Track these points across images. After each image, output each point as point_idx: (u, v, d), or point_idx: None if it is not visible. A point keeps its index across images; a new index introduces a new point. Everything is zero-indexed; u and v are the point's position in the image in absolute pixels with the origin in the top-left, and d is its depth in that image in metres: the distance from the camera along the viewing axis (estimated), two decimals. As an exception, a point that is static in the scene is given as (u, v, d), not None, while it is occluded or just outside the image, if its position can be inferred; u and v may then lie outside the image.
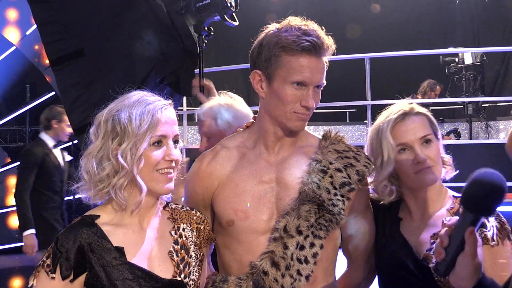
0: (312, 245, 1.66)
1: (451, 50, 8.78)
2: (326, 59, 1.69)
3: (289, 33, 1.65)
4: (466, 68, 8.81)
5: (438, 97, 7.99)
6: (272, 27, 1.73)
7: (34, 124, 8.10)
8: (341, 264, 1.87)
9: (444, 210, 1.78)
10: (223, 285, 1.70)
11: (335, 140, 1.79)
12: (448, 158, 1.86)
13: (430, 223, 1.78)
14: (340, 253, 1.84)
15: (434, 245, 1.70)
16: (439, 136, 1.86)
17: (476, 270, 1.30)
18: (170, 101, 1.62)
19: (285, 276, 1.63)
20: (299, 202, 1.68)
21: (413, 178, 1.78)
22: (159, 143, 1.55)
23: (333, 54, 1.71)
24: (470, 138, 8.48)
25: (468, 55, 8.69)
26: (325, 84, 1.71)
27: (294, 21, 1.70)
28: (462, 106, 8.51)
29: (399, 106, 1.86)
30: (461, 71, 8.86)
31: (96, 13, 2.91)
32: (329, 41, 1.67)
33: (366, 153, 1.85)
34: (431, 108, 8.16)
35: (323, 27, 1.71)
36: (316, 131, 1.89)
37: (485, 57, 8.71)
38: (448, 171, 1.85)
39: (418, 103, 1.93)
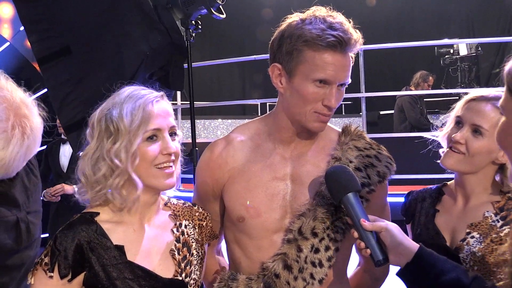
0: (327, 248, 1.59)
1: (446, 41, 8.77)
2: (352, 54, 1.58)
3: (314, 26, 1.54)
4: (461, 59, 8.82)
5: (432, 88, 7.98)
6: (295, 17, 1.61)
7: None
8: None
9: (489, 203, 1.73)
10: (232, 283, 1.64)
11: (356, 136, 1.71)
12: None
13: (470, 214, 1.74)
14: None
15: (468, 236, 1.70)
16: None
17: (401, 240, 1.45)
18: (162, 93, 1.58)
19: (298, 279, 1.57)
20: (316, 203, 1.61)
21: (444, 152, 1.76)
22: (154, 137, 1.51)
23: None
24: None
25: (463, 46, 8.70)
26: (350, 82, 1.61)
27: (319, 11, 1.59)
28: (457, 98, 8.45)
29: (490, 90, 1.77)
30: (456, 62, 8.87)
31: (83, 10, 2.88)
32: (357, 35, 1.56)
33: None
34: (426, 99, 8.22)
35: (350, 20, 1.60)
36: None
37: (480, 48, 8.71)
38: None
39: (414, 95, 1.90)
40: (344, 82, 1.59)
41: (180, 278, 1.55)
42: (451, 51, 8.82)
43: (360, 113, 5.95)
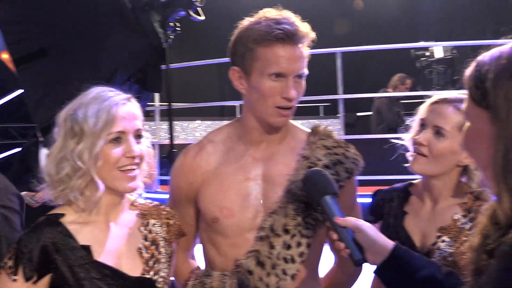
0: (298, 244, 1.63)
1: (421, 44, 8.87)
2: (305, 47, 1.64)
3: (261, 25, 1.61)
4: (437, 61, 8.92)
5: (409, 90, 8.08)
6: (245, 22, 1.68)
7: (4, 121, 7.96)
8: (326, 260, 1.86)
9: (456, 205, 1.74)
10: (206, 279, 1.67)
11: (324, 135, 1.75)
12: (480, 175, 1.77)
13: (439, 216, 1.75)
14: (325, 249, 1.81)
15: (439, 240, 1.71)
16: None
17: (377, 239, 1.47)
18: (129, 96, 1.58)
19: (270, 275, 1.61)
20: (286, 200, 1.65)
21: (413, 157, 1.77)
22: (118, 139, 1.52)
23: (312, 42, 1.66)
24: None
25: (438, 49, 8.79)
26: (306, 73, 1.65)
27: (269, 12, 1.65)
28: (433, 100, 8.59)
29: (453, 93, 1.80)
30: (432, 65, 8.96)
31: (61, 12, 2.86)
32: (304, 28, 1.62)
33: None
34: (402, 101, 8.30)
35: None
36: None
37: (455, 51, 8.83)
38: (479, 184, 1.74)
39: (391, 97, 1.92)
40: (300, 74, 1.64)
41: (148, 276, 1.56)
42: (427, 53, 8.92)
43: (338, 115, 6.00)
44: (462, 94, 1.75)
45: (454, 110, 1.73)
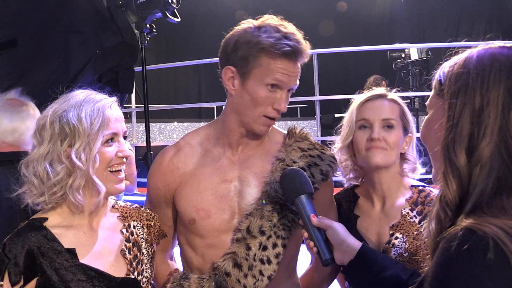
0: (274, 245, 1.65)
1: (397, 46, 8.97)
2: (301, 63, 1.68)
3: (269, 34, 1.63)
4: (413, 63, 9.03)
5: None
6: (249, 24, 1.69)
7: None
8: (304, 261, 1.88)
9: (403, 200, 1.79)
10: (184, 282, 1.68)
11: (300, 137, 1.78)
12: (413, 156, 1.87)
13: (390, 214, 1.79)
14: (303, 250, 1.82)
15: (392, 237, 1.74)
16: (410, 132, 1.86)
17: (345, 238, 1.50)
18: (115, 98, 1.61)
19: (248, 276, 1.63)
20: (262, 202, 1.67)
21: (364, 155, 1.79)
22: (111, 140, 1.55)
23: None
24: (417, 132, 8.63)
25: (414, 50, 8.91)
26: (296, 87, 1.70)
27: (271, 19, 1.67)
28: (409, 101, 8.71)
29: (377, 89, 1.88)
30: (408, 67, 9.07)
31: (32, 3, 2.80)
32: (307, 47, 1.67)
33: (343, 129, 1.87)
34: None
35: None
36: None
37: (430, 53, 8.95)
38: (412, 168, 1.87)
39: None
40: (293, 88, 1.69)
41: (133, 277, 1.58)
42: (403, 55, 9.03)
43: (315, 116, 6.02)
44: (384, 89, 1.86)
45: (389, 102, 1.83)
